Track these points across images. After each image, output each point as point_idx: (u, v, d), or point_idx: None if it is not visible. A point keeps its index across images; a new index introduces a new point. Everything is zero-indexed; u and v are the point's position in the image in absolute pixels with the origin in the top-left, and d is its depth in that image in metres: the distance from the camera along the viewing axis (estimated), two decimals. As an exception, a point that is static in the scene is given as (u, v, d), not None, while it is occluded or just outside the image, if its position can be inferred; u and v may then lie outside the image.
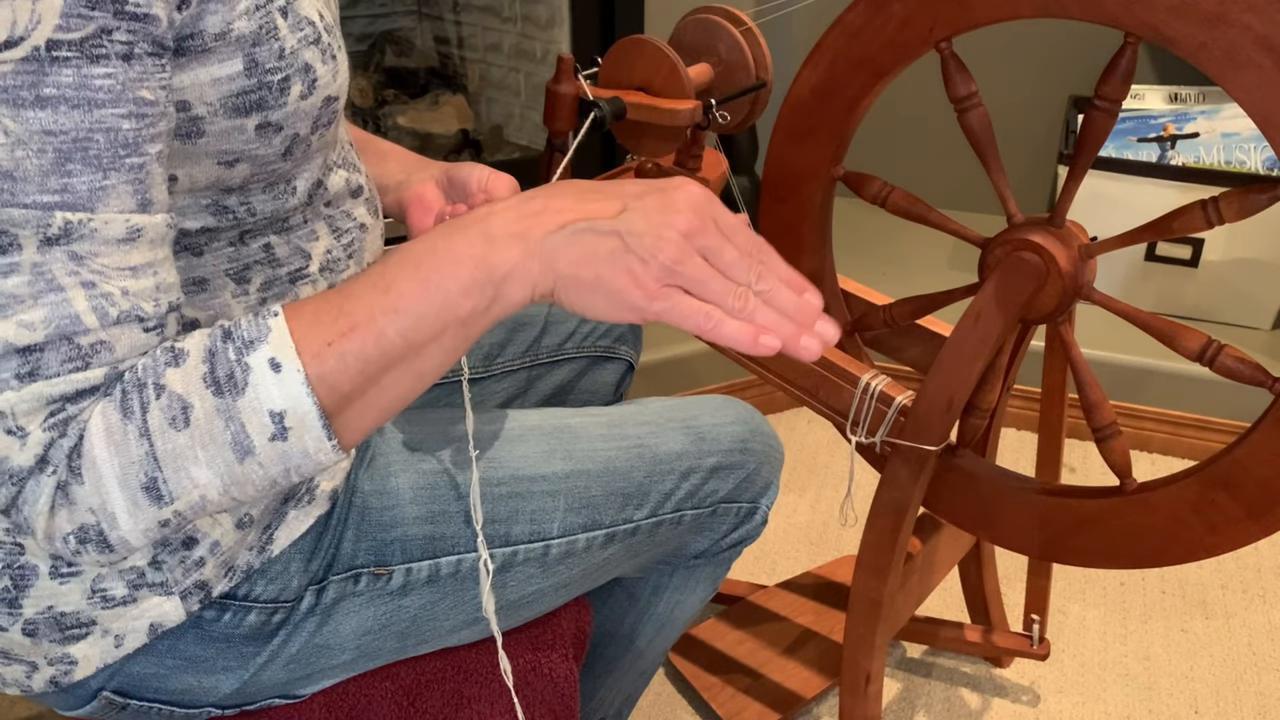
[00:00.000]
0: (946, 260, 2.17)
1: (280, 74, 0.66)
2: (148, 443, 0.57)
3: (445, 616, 0.85)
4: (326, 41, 0.70)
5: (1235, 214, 0.86)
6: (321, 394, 0.59)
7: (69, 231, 0.56)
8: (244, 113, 0.65)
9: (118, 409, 0.57)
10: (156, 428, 0.57)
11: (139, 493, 0.58)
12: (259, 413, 0.58)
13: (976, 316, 0.95)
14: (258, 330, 0.59)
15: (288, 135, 0.68)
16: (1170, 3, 0.81)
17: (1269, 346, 1.88)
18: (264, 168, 0.69)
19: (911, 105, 2.10)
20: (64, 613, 0.72)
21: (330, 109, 0.71)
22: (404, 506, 0.82)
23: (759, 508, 0.98)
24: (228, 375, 0.58)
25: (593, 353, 1.13)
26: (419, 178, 0.90)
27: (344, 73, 0.73)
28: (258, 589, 0.77)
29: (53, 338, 0.56)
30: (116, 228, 0.57)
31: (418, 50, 2.30)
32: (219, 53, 0.62)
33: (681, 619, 1.05)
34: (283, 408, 0.58)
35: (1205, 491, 0.91)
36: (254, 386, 0.58)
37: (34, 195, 0.54)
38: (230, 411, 0.58)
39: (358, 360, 0.60)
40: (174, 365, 0.58)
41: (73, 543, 0.59)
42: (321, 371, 0.59)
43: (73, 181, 0.55)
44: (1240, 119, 1.89)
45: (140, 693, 0.77)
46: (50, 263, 0.56)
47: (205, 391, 0.58)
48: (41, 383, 0.56)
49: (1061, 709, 1.41)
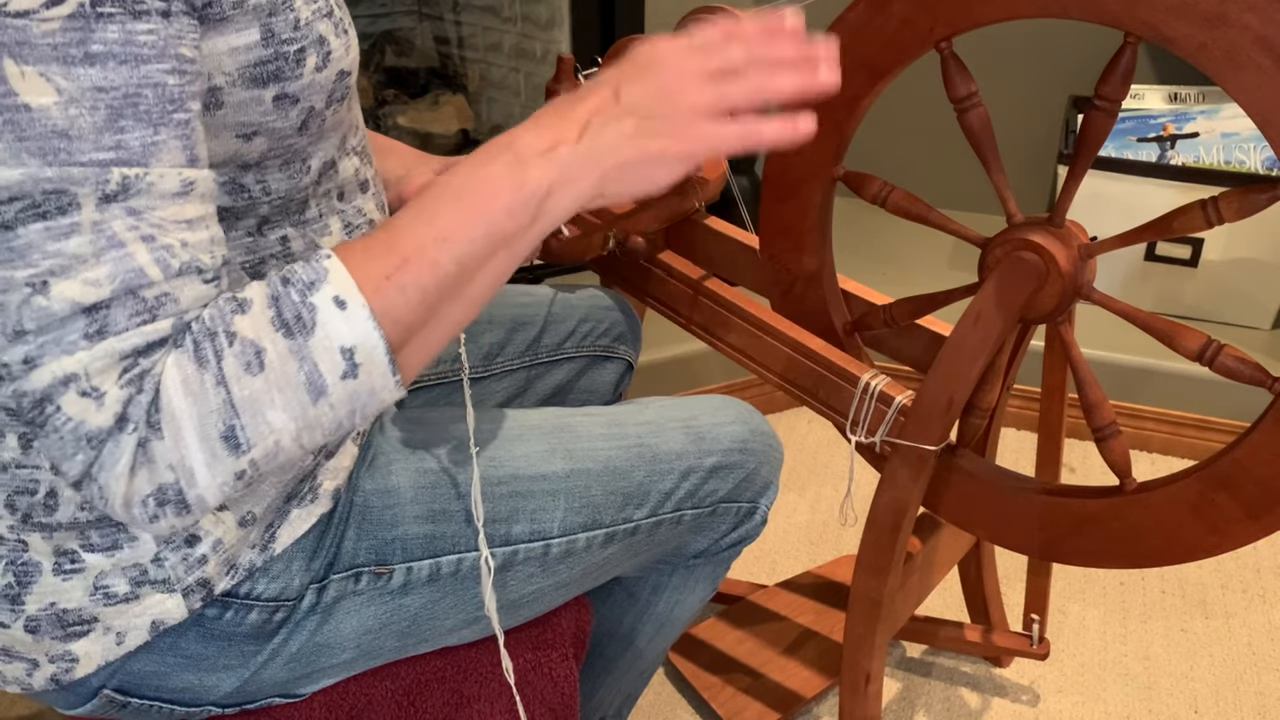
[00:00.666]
0: (946, 260, 2.17)
1: (296, 44, 0.67)
2: (225, 390, 0.58)
3: (446, 615, 0.85)
4: (339, 15, 0.72)
5: (1235, 214, 0.86)
6: (387, 327, 0.61)
7: (126, 187, 0.56)
8: (261, 83, 0.66)
9: (192, 359, 0.58)
10: (232, 374, 0.58)
11: (217, 443, 0.59)
12: (330, 350, 0.60)
13: (976, 316, 0.95)
14: (315, 272, 0.61)
15: (304, 108, 0.69)
16: (1170, 3, 0.81)
17: (1269, 346, 1.88)
18: (281, 142, 0.70)
19: (911, 105, 2.10)
20: (66, 610, 0.72)
21: (344, 84, 0.72)
22: (405, 505, 0.82)
23: (759, 507, 0.98)
24: (295, 317, 0.59)
25: (592, 352, 1.13)
26: (419, 171, 0.92)
27: (355, 49, 0.74)
28: (259, 587, 0.77)
29: (118, 293, 0.57)
30: (171, 182, 0.58)
31: (418, 50, 2.30)
32: (236, 21, 0.63)
33: (681, 618, 1.05)
34: (352, 343, 0.60)
35: (1205, 491, 0.92)
36: (322, 325, 0.59)
37: (90, 153, 0.55)
38: (303, 351, 0.59)
39: (416, 291, 0.62)
40: (240, 312, 0.59)
41: (151, 505, 0.59)
42: (384, 305, 0.61)
43: (126, 138, 0.56)
44: (1240, 119, 1.89)
45: (141, 691, 0.77)
46: (109, 219, 0.56)
47: (276, 334, 0.59)
48: (112, 339, 0.57)
49: (1061, 709, 1.42)
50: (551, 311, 1.11)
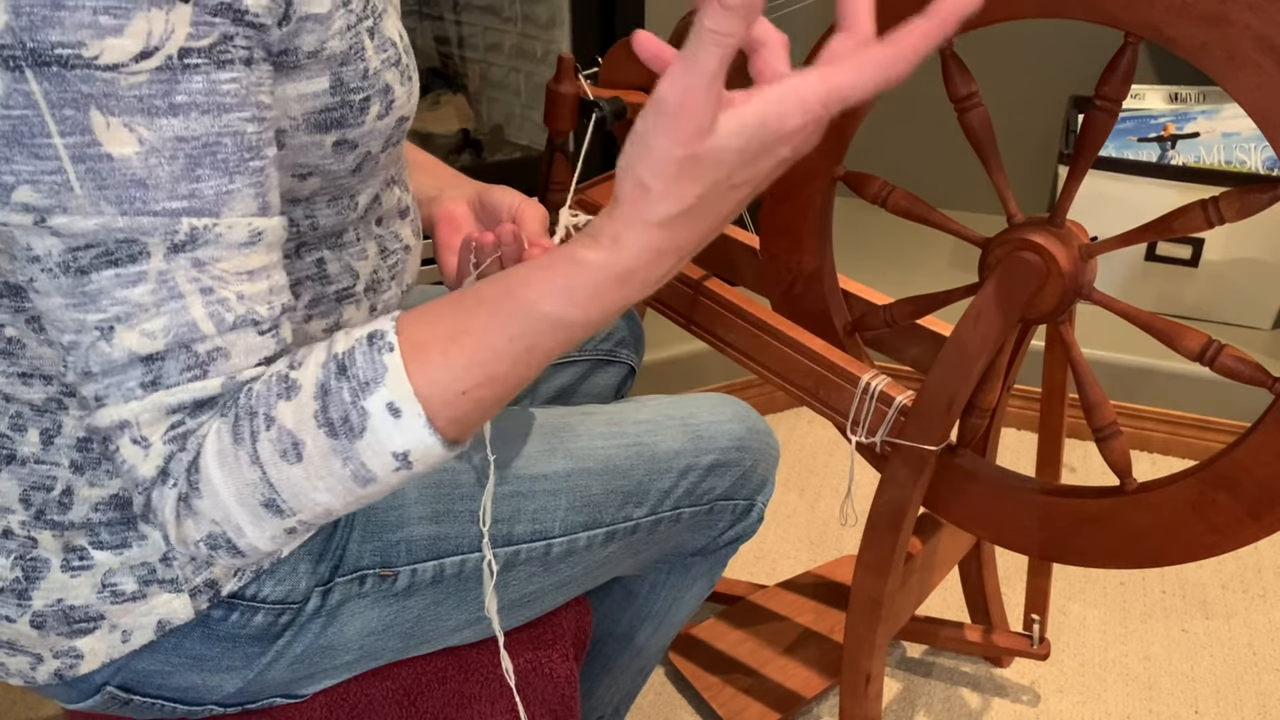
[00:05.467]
0: (946, 260, 2.17)
1: (362, 94, 0.67)
2: (259, 470, 0.58)
3: (448, 616, 0.85)
4: (406, 62, 0.71)
5: (1235, 214, 0.86)
6: (450, 432, 0.59)
7: (195, 237, 0.56)
8: (324, 129, 0.66)
9: (230, 433, 0.58)
10: (268, 458, 0.58)
11: (259, 508, 0.59)
12: (380, 454, 0.58)
13: (977, 316, 0.95)
14: (373, 369, 0.57)
15: (361, 153, 0.69)
16: (1170, 2, 0.82)
17: (1269, 346, 1.88)
18: (333, 182, 0.70)
19: (911, 105, 2.10)
20: (73, 606, 0.72)
21: (401, 129, 0.72)
22: (410, 507, 0.82)
23: (755, 505, 0.99)
24: (343, 418, 0.57)
25: (594, 356, 1.13)
26: (451, 195, 0.90)
27: (416, 94, 0.74)
28: (266, 589, 0.77)
29: (172, 346, 0.57)
30: (240, 232, 0.58)
31: (418, 50, 2.30)
32: (309, 70, 0.63)
33: (679, 616, 1.05)
34: (405, 448, 0.58)
35: (1205, 491, 0.92)
36: (373, 431, 0.57)
37: (164, 202, 0.55)
38: (348, 452, 0.58)
39: (494, 403, 0.59)
40: (286, 399, 0.58)
41: (204, 549, 0.60)
42: (454, 415, 0.58)
43: (201, 187, 0.56)
44: (1240, 119, 1.89)
45: (144, 689, 0.78)
46: (174, 270, 0.56)
47: (318, 431, 0.58)
48: (162, 392, 0.57)
49: (1061, 709, 1.42)
50: None
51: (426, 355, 0.58)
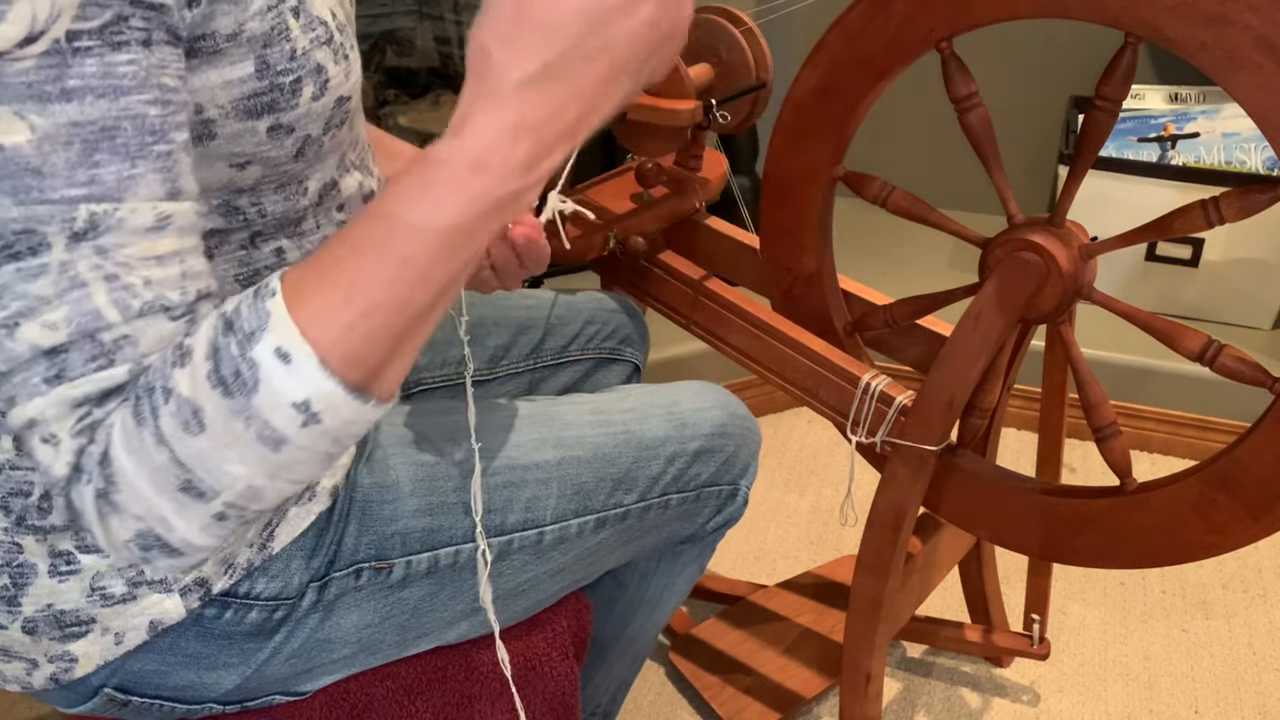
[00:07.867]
0: (946, 260, 2.17)
1: (291, 75, 0.65)
2: (167, 449, 0.55)
3: (444, 607, 0.85)
4: (339, 41, 0.69)
5: (1235, 214, 0.86)
6: (346, 374, 0.55)
7: (95, 224, 0.54)
8: (255, 115, 0.64)
9: (132, 415, 0.56)
10: (171, 434, 0.55)
11: (178, 494, 0.56)
12: (279, 406, 0.54)
13: (977, 316, 0.95)
14: (257, 317, 0.55)
15: (299, 137, 0.68)
16: (1170, 3, 0.81)
17: (1269, 346, 1.88)
18: (276, 169, 0.69)
19: (911, 105, 2.10)
20: (63, 611, 0.72)
21: (343, 109, 0.71)
22: (404, 499, 0.83)
23: (739, 489, 1.00)
24: (234, 374, 0.54)
25: (598, 355, 1.13)
26: None
27: (356, 72, 0.72)
28: (259, 586, 0.77)
29: (76, 336, 0.55)
30: (144, 216, 0.56)
31: (418, 50, 2.30)
32: (230, 54, 0.62)
33: (670, 603, 1.07)
34: (304, 397, 0.54)
35: (1205, 491, 0.92)
36: (266, 382, 0.54)
37: (61, 190, 0.53)
38: (247, 410, 0.54)
39: (388, 336, 0.56)
40: (180, 365, 0.56)
41: (136, 550, 0.57)
42: (346, 354, 0.55)
43: (100, 172, 0.54)
44: (1240, 119, 1.89)
45: (141, 689, 0.78)
46: (77, 260, 0.54)
47: (213, 393, 0.54)
48: (66, 385, 0.55)
49: (1061, 709, 1.41)
50: (555, 314, 1.11)
51: (305, 295, 0.55)
